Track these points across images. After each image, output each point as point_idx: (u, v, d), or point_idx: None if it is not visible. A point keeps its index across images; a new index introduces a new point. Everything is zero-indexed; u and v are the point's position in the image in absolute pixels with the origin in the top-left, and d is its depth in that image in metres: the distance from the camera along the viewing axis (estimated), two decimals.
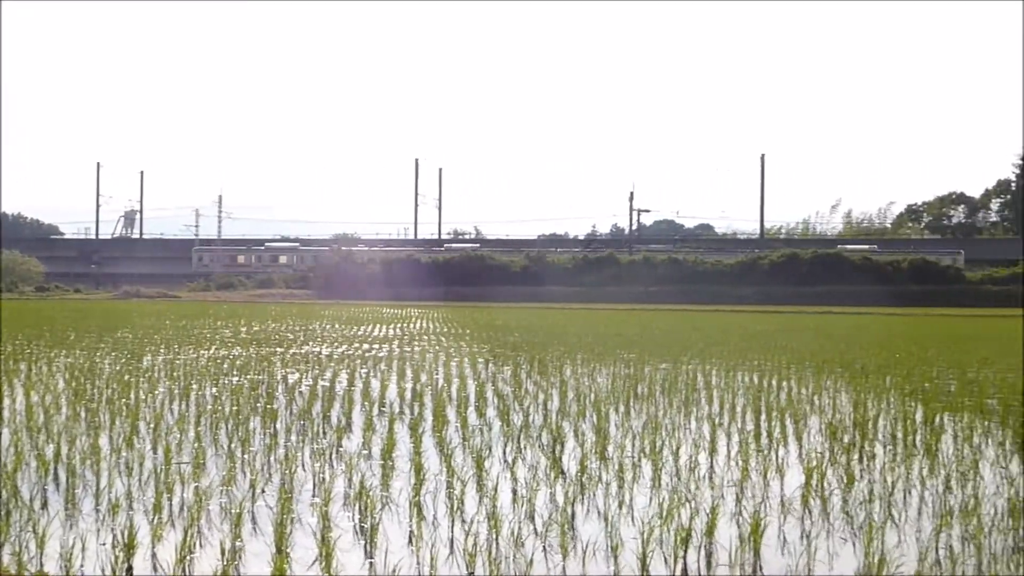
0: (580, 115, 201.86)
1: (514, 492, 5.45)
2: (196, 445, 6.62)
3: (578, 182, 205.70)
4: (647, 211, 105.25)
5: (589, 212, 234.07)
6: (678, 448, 6.74)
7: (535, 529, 4.72)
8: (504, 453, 6.71)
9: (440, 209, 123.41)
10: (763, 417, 8.36)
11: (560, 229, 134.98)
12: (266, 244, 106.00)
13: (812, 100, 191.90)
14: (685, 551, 4.34)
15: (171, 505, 5.06)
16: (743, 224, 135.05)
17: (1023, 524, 4.83)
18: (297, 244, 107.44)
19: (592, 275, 79.57)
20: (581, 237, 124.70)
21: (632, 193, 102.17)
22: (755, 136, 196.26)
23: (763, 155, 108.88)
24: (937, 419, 8.27)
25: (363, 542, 4.52)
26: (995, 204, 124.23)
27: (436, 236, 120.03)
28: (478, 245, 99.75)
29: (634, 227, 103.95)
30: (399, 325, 27.75)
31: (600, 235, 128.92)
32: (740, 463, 6.30)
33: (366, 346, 17.72)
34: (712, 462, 6.48)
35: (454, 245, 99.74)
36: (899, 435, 7.48)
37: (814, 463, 6.08)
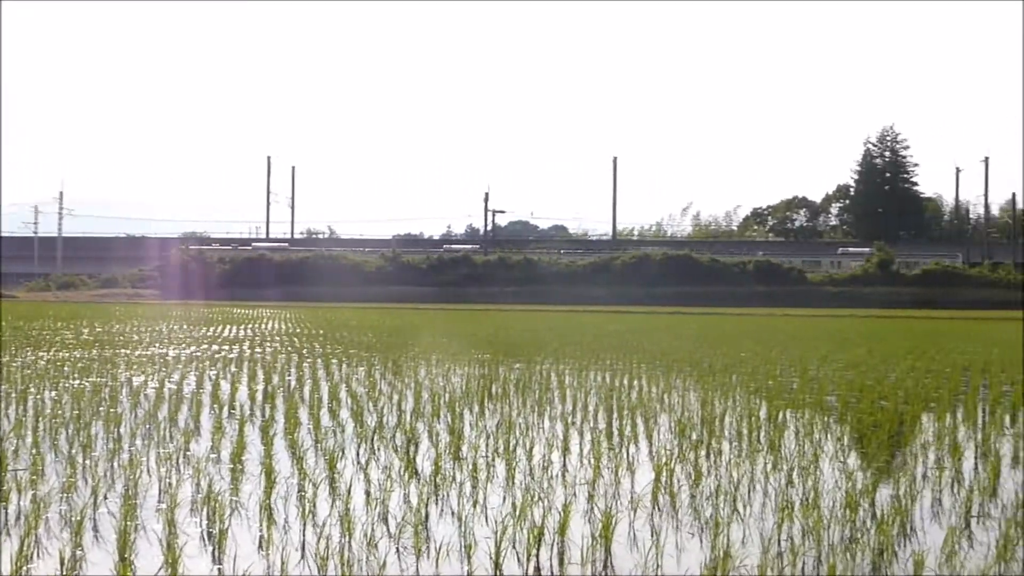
0: (434, 116, 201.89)
1: (367, 494, 5.40)
2: (34, 451, 6.37)
3: (433, 183, 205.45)
4: (502, 212, 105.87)
5: (444, 212, 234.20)
6: (532, 447, 6.80)
7: (388, 531, 4.68)
8: (357, 455, 6.65)
9: (293, 208, 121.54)
10: (615, 416, 8.49)
11: (415, 229, 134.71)
12: (253, 244, 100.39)
13: (664, 105, 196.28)
14: (538, 549, 4.37)
15: (6, 514, 4.85)
16: (597, 226, 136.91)
17: (859, 516, 5.03)
18: (286, 244, 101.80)
19: (447, 275, 79.63)
20: (436, 237, 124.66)
21: (487, 194, 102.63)
22: (609, 139, 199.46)
23: (615, 158, 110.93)
24: (780, 416, 8.55)
25: (211, 548, 4.41)
26: (835, 208, 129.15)
27: (289, 235, 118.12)
28: (477, 246, 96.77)
29: (489, 228, 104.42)
30: (250, 326, 27.25)
31: (455, 235, 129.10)
32: (592, 461, 6.38)
33: (215, 347, 17.33)
34: (565, 461, 6.55)
35: (455, 247, 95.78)
36: (744, 432, 7.70)
37: (664, 460, 6.21)
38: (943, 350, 18.59)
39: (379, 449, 6.82)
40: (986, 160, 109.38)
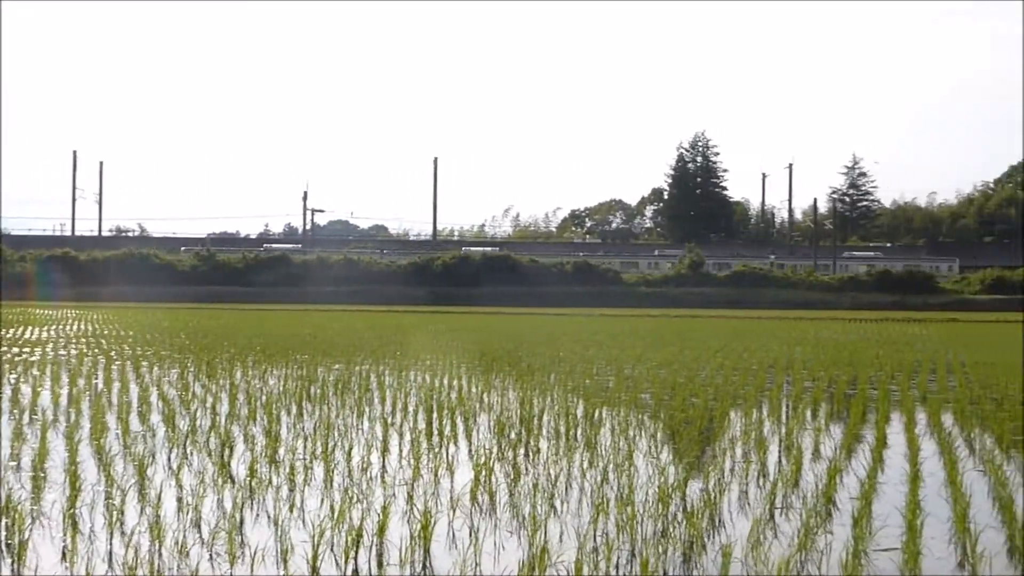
0: (251, 111, 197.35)
1: (179, 500, 5.24)
2: None
3: (251, 180, 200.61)
4: (321, 211, 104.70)
5: (262, 211, 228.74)
6: (351, 449, 6.73)
7: (201, 537, 4.56)
8: (169, 460, 6.44)
9: (101, 205, 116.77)
10: (435, 416, 8.50)
11: (232, 228, 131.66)
12: (264, 245, 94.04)
13: (486, 107, 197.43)
14: (356, 552, 4.33)
15: None
16: (418, 226, 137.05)
17: (671, 510, 5.18)
18: (299, 245, 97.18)
19: (265, 275, 78.08)
20: (254, 236, 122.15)
21: (306, 192, 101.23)
22: (430, 140, 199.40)
23: (436, 158, 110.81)
24: (597, 414, 8.72)
25: (10, 560, 4.19)
26: (649, 211, 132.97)
27: (97, 233, 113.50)
28: (497, 248, 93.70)
29: (308, 227, 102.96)
30: (53, 327, 26.07)
31: (273, 234, 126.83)
32: (412, 462, 6.37)
33: (15, 350, 16.51)
34: (384, 462, 6.51)
35: (474, 248, 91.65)
36: (562, 430, 7.82)
37: (483, 459, 6.25)
38: (750, 348, 19.35)
39: (192, 454, 6.63)
40: (790, 167, 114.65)
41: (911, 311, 59.24)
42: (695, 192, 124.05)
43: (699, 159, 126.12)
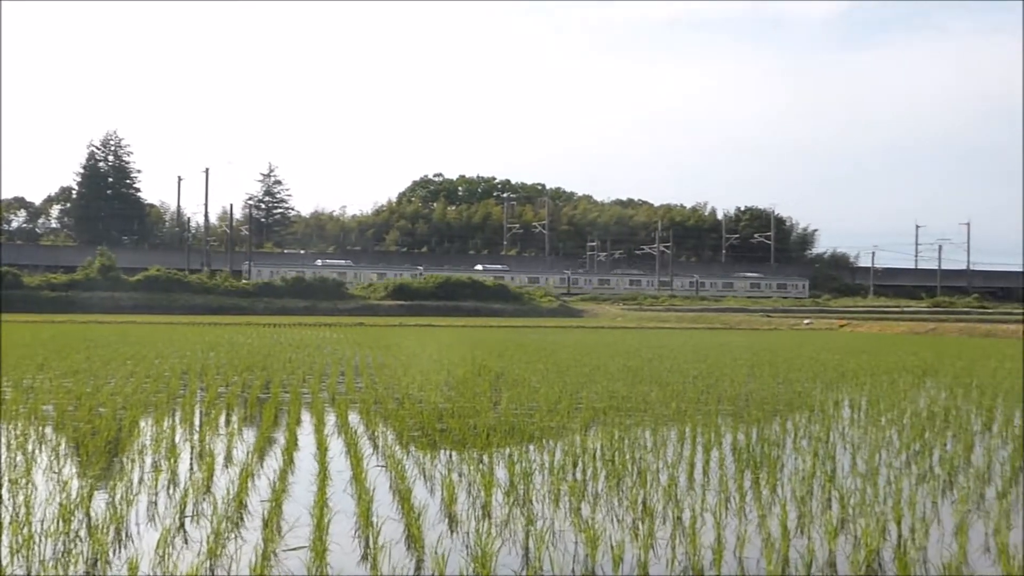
0: None
1: None
2: None
3: None
4: None
5: None
6: None
7: None
8: None
9: None
10: None
11: None
12: (318, 259, 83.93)
13: None
14: None
15: None
16: None
17: (73, 527, 4.90)
18: (351, 262, 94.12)
19: None
20: None
21: None
22: None
23: None
24: None
25: None
26: (56, 210, 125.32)
27: None
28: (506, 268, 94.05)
29: None
30: None
31: None
32: None
33: None
34: None
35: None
36: None
37: None
38: (163, 355, 18.89)
39: None
40: (207, 171, 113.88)
41: (322, 316, 61.57)
42: (106, 192, 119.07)
43: (111, 159, 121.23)
